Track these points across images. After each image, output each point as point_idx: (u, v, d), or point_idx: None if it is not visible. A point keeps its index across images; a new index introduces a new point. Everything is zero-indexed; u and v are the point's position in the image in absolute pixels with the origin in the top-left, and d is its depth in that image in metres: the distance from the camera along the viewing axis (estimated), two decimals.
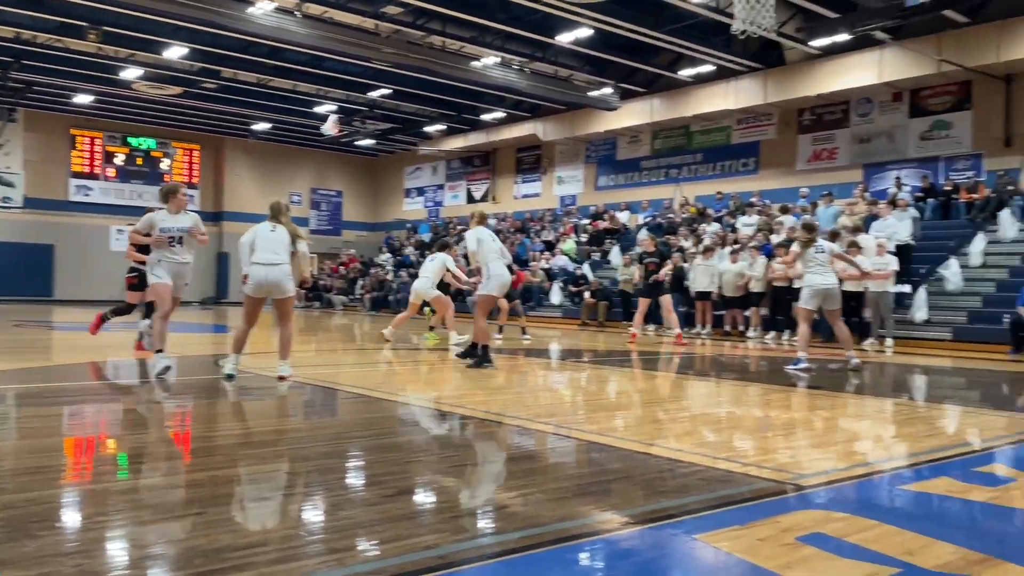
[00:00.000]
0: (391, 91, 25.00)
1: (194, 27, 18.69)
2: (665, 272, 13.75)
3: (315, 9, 18.05)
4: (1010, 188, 16.67)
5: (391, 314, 24.59)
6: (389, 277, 27.32)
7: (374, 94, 25.60)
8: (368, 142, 31.43)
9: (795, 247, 9.42)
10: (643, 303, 13.76)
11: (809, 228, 9.49)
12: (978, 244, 15.46)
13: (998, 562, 2.72)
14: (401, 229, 32.68)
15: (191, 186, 30.77)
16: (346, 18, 18.64)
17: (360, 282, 28.40)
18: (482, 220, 9.23)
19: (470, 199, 31.37)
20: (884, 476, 4.17)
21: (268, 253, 7.09)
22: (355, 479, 3.98)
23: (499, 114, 27.37)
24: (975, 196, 17.16)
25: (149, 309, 8.78)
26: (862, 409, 6.80)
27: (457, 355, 9.39)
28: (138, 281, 9.04)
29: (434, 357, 10.49)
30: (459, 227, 28.88)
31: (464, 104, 26.34)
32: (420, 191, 34.01)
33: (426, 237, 29.66)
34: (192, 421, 5.70)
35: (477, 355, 8.57)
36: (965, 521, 3.39)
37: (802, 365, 8.86)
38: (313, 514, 3.30)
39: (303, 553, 2.74)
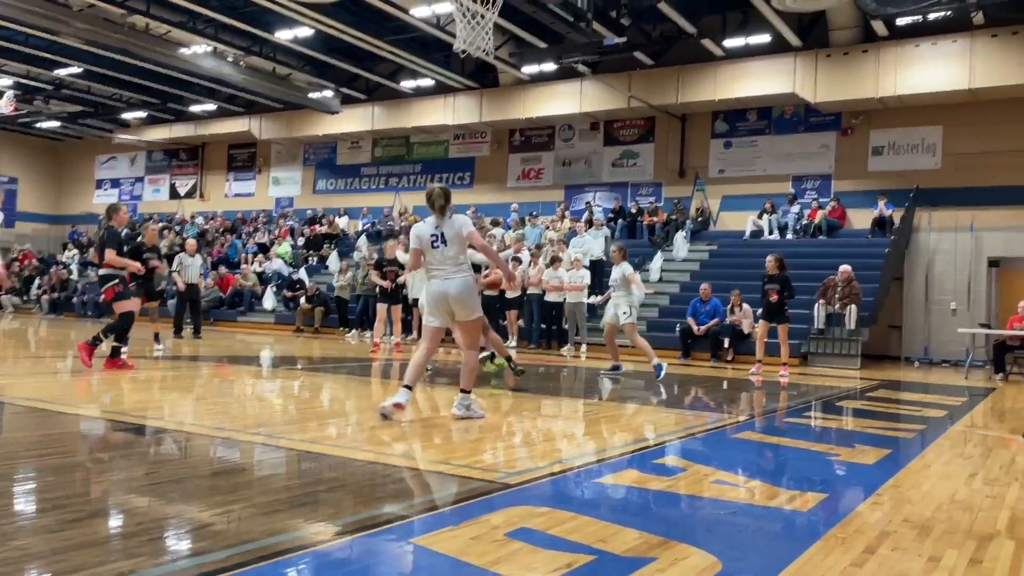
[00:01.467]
0: (82, 70, 22.46)
1: None
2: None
3: None
4: (682, 214, 19.11)
5: (73, 318, 22.02)
6: (73, 276, 24.43)
7: (61, 72, 22.83)
8: (52, 124, 27.94)
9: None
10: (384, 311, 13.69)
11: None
12: (657, 262, 17.51)
13: (674, 543, 3.08)
14: (91, 223, 29.40)
15: None
16: None
17: (37, 281, 25.08)
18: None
19: (174, 195, 29.16)
20: (579, 471, 4.54)
21: None
22: (29, 504, 3.50)
23: (210, 107, 25.74)
24: (655, 219, 19.43)
25: None
26: (560, 410, 7.35)
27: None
28: None
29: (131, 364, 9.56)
30: (160, 223, 26.66)
31: (169, 92, 24.38)
32: (115, 183, 30.90)
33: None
34: None
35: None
36: (646, 508, 3.80)
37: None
38: None
39: None
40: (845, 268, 14.36)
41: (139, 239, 11.28)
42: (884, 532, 3.36)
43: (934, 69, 16.48)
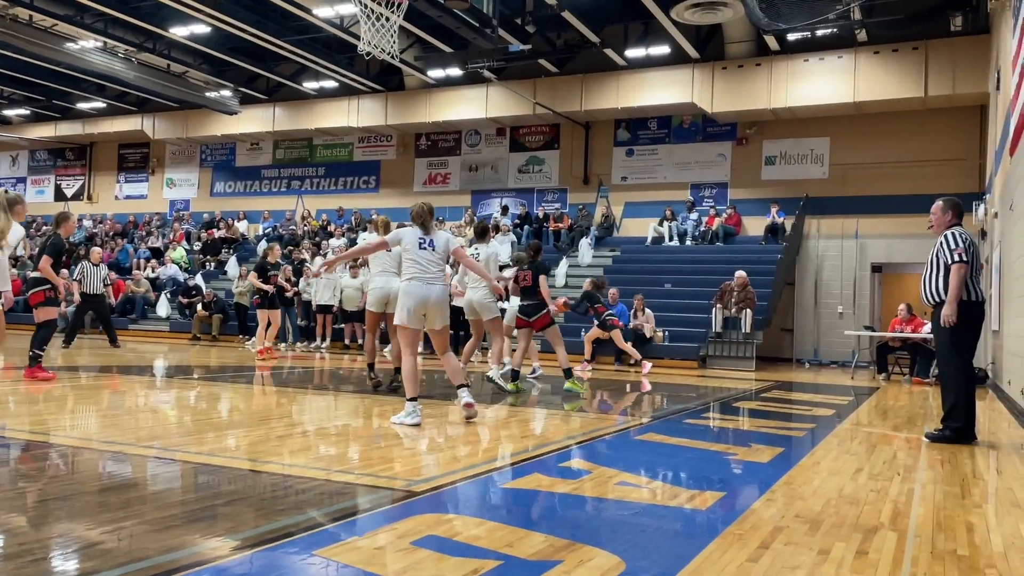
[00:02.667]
0: None
1: None
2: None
3: None
4: (587, 220, 19.43)
5: None
6: None
7: None
8: None
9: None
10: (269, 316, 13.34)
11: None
12: (562, 267, 17.74)
13: (579, 546, 3.12)
14: None
15: None
16: None
17: None
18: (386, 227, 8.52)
19: (60, 196, 27.68)
20: (486, 476, 4.54)
21: None
22: None
23: (99, 104, 24.58)
24: (561, 225, 19.69)
25: None
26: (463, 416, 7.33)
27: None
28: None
29: (11, 376, 9.00)
30: (44, 227, 25.26)
31: (55, 89, 23.16)
32: None
33: None
34: None
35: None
36: (552, 512, 3.84)
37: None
38: None
39: None
40: (741, 274, 14.91)
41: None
42: (777, 527, 3.50)
43: (822, 83, 17.34)
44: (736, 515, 3.74)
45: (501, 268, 14.39)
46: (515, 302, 10.78)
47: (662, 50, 17.96)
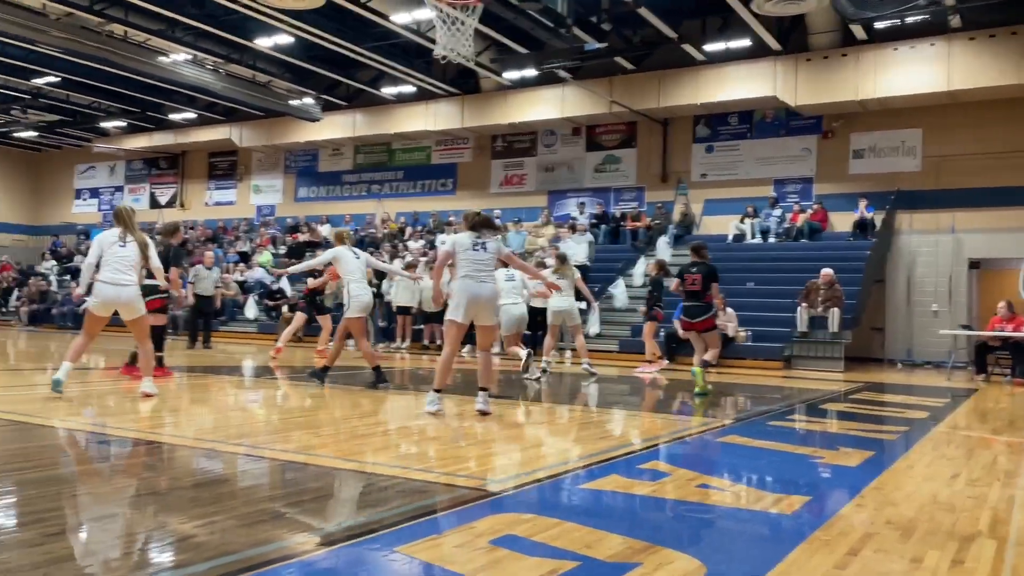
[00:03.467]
0: (60, 79, 22.27)
1: None
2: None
3: None
4: (665, 218, 19.18)
5: (53, 329, 21.79)
6: (53, 287, 24.18)
7: (39, 81, 22.62)
8: (30, 134, 27.68)
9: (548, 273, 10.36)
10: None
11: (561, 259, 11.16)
12: (640, 266, 17.55)
13: (658, 548, 3.08)
14: (71, 233, 29.14)
15: None
16: None
17: (16, 293, 24.80)
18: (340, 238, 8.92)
19: (154, 204, 28.95)
20: (564, 477, 4.53)
21: None
22: (8, 518, 3.45)
23: (190, 115, 25.60)
24: (638, 224, 19.49)
25: None
26: (545, 416, 7.34)
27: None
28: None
29: (112, 376, 9.47)
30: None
31: (149, 101, 24.23)
32: (94, 192, 30.66)
33: None
34: None
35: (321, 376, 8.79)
36: (631, 513, 3.80)
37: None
38: None
39: None
40: (827, 271, 14.45)
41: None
42: (867, 534, 3.38)
43: (913, 72, 16.65)
44: (823, 520, 3.63)
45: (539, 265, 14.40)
46: (555, 302, 10.81)
47: (742, 43, 17.56)
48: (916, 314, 17.15)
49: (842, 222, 18.05)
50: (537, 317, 15.39)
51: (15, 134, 27.64)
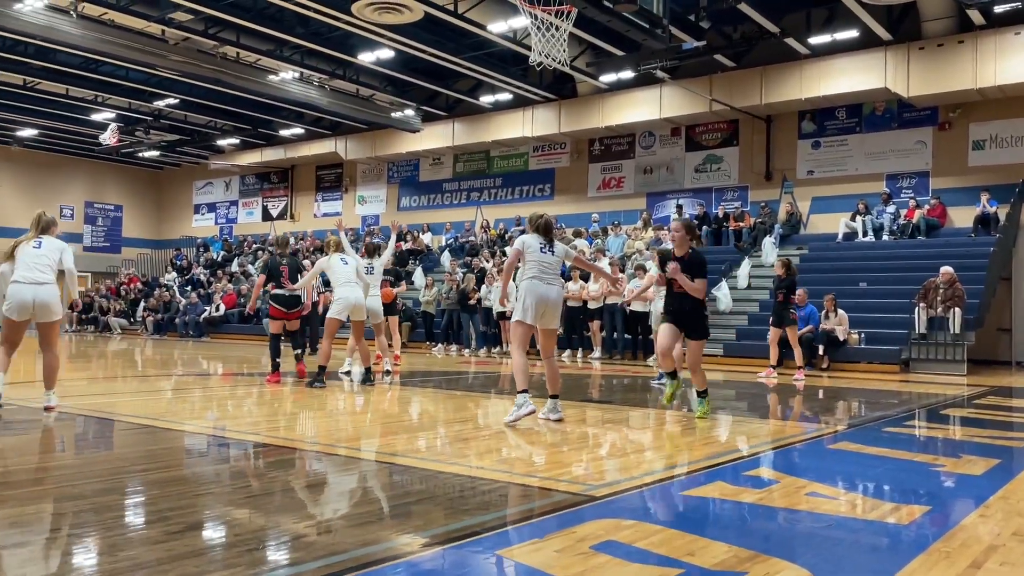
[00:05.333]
0: (179, 101, 23.61)
1: None
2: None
3: (94, 10, 16.69)
4: (770, 218, 18.62)
5: (176, 337, 23.07)
6: (176, 298, 25.62)
7: (160, 103, 24.05)
8: (152, 154, 29.44)
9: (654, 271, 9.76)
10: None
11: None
12: (744, 268, 17.09)
13: (765, 558, 2.99)
14: (190, 246, 30.80)
15: None
16: (129, 21, 17.39)
17: (142, 304, 26.40)
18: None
19: (266, 216, 30.25)
20: (667, 483, 4.46)
21: (33, 271, 6.45)
22: (136, 516, 3.68)
23: (298, 130, 26.66)
24: (742, 224, 18.99)
25: None
26: (646, 421, 7.25)
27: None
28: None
29: (230, 382, 9.96)
30: (253, 244, 27.71)
31: (260, 118, 25.39)
32: (211, 207, 32.31)
33: (218, 255, 28.16)
34: None
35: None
36: (736, 521, 3.70)
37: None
38: (86, 557, 3.01)
39: None
40: (947, 269, 13.69)
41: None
42: (992, 546, 3.18)
43: None
44: (944, 531, 3.44)
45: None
46: (659, 304, 10.37)
47: (850, 34, 16.87)
48: None
49: (962, 217, 17.08)
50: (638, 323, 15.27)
51: (139, 154, 29.46)
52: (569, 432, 6.14)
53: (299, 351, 10.12)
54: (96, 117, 25.01)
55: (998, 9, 15.50)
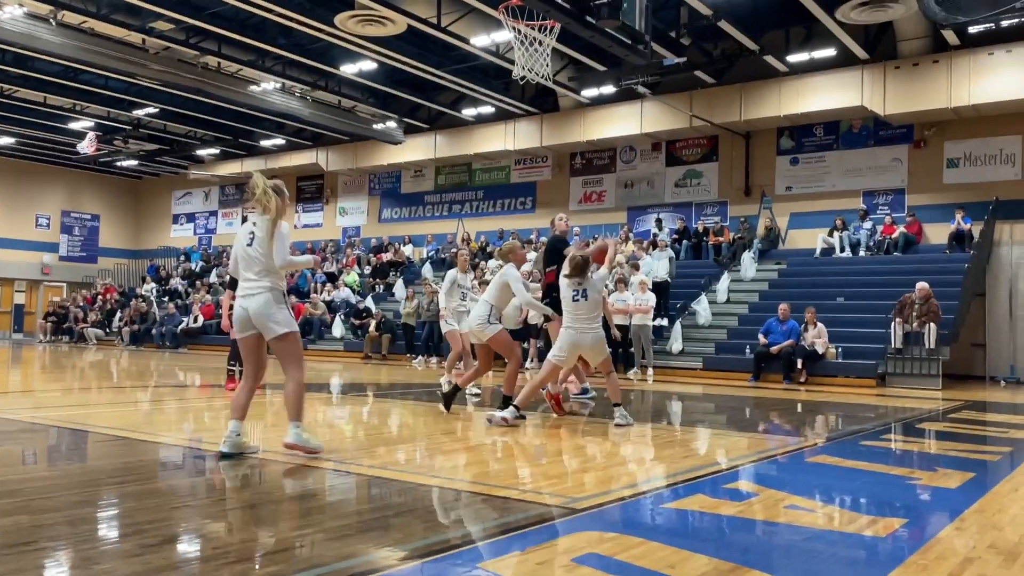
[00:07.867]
0: (158, 110, 23.46)
1: None
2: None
3: (74, 18, 16.58)
4: (749, 233, 18.78)
5: (153, 348, 22.82)
6: (153, 309, 25.35)
7: (139, 112, 23.89)
8: (131, 163, 29.21)
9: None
10: None
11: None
12: (724, 282, 17.22)
13: (745, 570, 3.00)
14: (169, 257, 30.54)
15: None
16: (110, 30, 17.28)
17: (119, 314, 26.10)
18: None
19: None
20: (648, 496, 4.47)
21: None
22: (111, 529, 3.63)
23: (279, 141, 26.56)
24: (721, 239, 19.14)
25: None
26: (627, 435, 7.26)
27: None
28: None
29: (207, 393, 9.86)
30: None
31: (240, 128, 25.27)
32: (190, 217, 32.07)
33: (196, 266, 27.94)
34: None
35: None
36: (716, 534, 3.72)
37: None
38: (60, 571, 2.96)
39: None
40: (923, 285, 13.86)
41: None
42: (968, 558, 3.21)
43: (1011, 77, 15.91)
44: (920, 544, 3.47)
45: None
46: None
47: (827, 53, 17.12)
48: (1020, 329, 16.27)
49: (937, 234, 17.32)
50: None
51: (118, 163, 29.20)
52: (549, 445, 6.13)
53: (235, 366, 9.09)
54: (74, 126, 24.77)
55: (972, 30, 15.80)
